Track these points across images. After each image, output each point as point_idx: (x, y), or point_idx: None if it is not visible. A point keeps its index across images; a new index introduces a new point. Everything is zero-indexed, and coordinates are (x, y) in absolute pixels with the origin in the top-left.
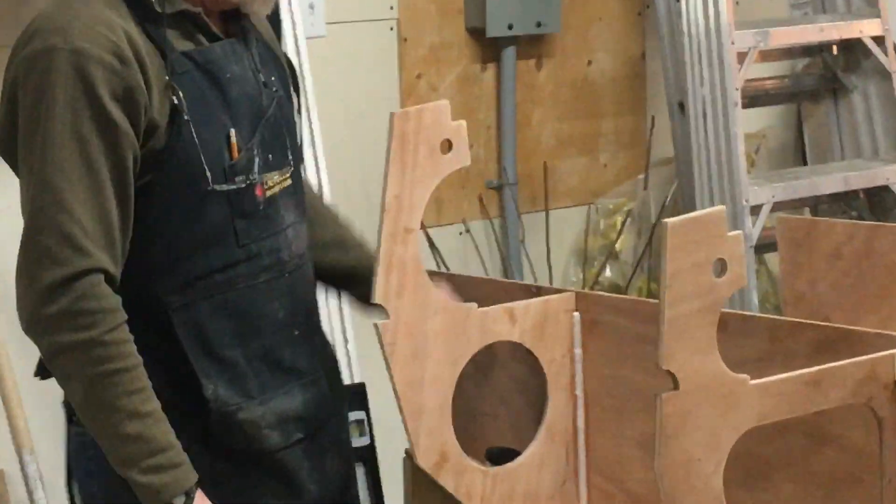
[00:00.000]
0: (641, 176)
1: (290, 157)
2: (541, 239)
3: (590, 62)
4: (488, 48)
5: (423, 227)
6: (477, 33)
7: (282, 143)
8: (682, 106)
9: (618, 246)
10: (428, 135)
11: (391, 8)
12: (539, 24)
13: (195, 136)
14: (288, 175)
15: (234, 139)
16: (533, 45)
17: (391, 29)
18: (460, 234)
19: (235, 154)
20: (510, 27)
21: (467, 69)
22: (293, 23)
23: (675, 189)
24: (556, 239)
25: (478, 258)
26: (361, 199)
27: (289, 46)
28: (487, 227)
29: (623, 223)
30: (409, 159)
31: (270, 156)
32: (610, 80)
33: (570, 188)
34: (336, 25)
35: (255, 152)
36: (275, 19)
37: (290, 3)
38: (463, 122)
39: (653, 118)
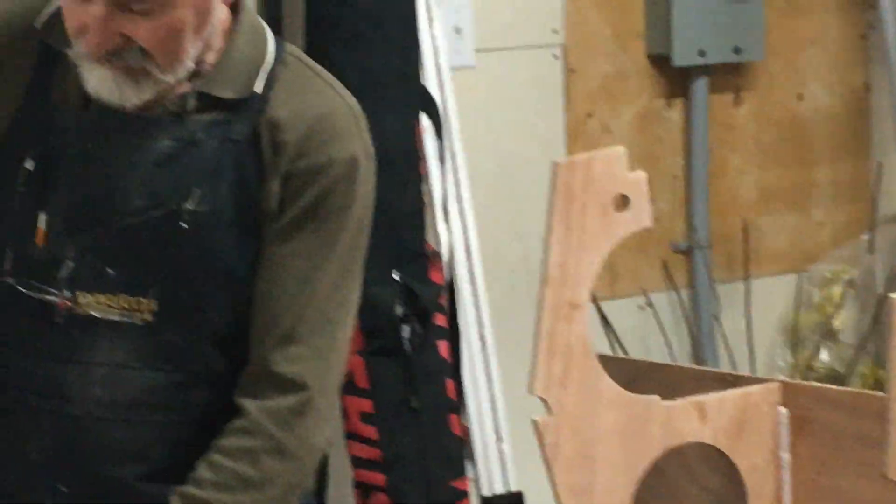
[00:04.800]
0: (866, 236)
1: (159, 289)
2: (740, 314)
3: (801, 96)
4: (675, 80)
5: (593, 300)
6: (661, 61)
7: (148, 266)
8: None
9: (836, 323)
10: (599, 189)
11: (555, 31)
12: (738, 51)
13: None
14: (145, 308)
15: (41, 224)
16: (730, 75)
17: (555, 57)
18: (640, 308)
19: (41, 240)
20: (702, 54)
21: (649, 106)
22: (435, 50)
23: None
24: (758, 314)
25: (661, 338)
26: (518, 264)
27: (430, 78)
28: (673, 299)
29: (843, 295)
30: (575, 219)
31: (112, 270)
32: (826, 117)
33: (777, 252)
34: (487, 53)
35: (69, 255)
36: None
37: (430, 27)
38: (642, 174)
39: (879, 164)
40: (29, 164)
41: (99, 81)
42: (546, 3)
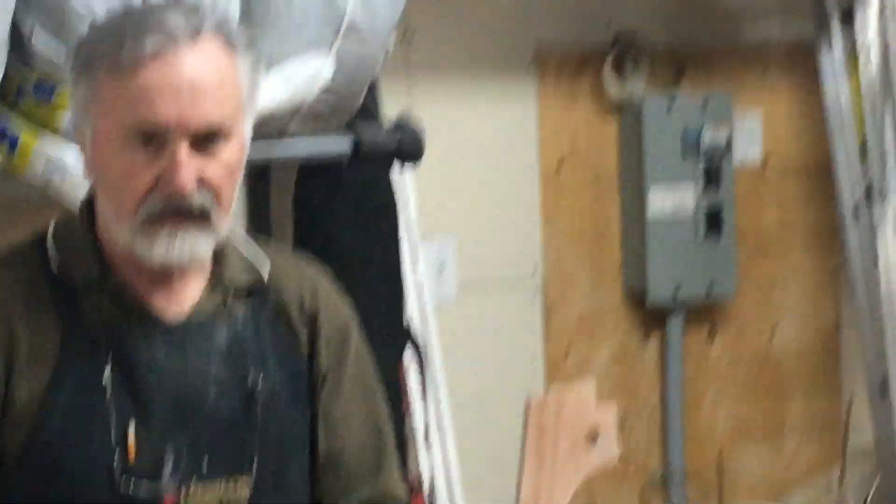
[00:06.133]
0: (836, 469)
1: (253, 466)
2: None
3: (773, 333)
4: (650, 317)
5: None
6: (637, 299)
7: (238, 450)
8: (884, 386)
9: None
10: (570, 424)
11: (534, 270)
12: (711, 289)
13: (66, 429)
14: (243, 488)
15: (131, 438)
16: (704, 312)
17: (535, 294)
18: None
19: (132, 454)
20: (676, 292)
21: (625, 342)
22: (419, 286)
23: (878, 486)
24: None
25: None
26: (497, 495)
27: (413, 314)
28: None
29: None
30: (547, 453)
31: (207, 461)
32: (797, 353)
33: (750, 483)
34: (470, 290)
35: (170, 455)
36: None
37: (414, 265)
38: (612, 408)
39: (850, 400)
40: (105, 381)
41: (163, 245)
42: (525, 243)
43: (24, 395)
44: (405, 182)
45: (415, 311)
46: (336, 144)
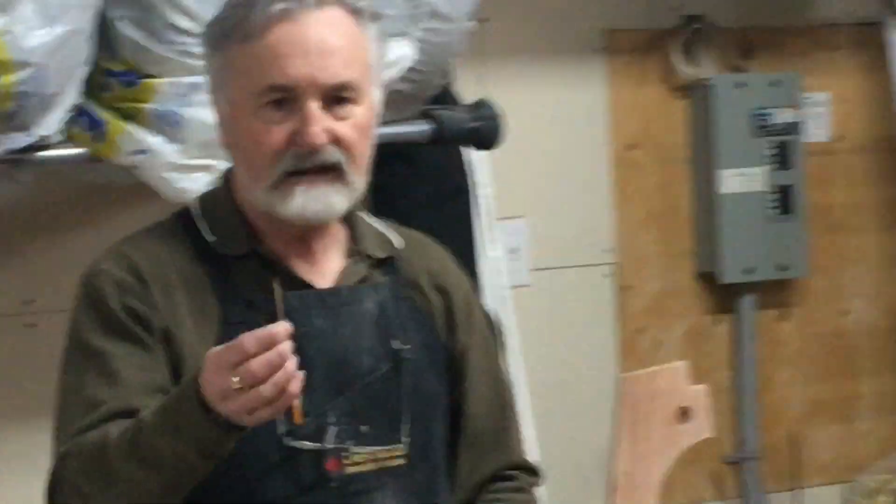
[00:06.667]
0: None
1: (405, 434)
2: None
3: (845, 312)
4: (722, 296)
5: None
6: (709, 279)
7: (390, 415)
8: None
9: None
10: (662, 402)
11: (608, 251)
12: (783, 268)
13: None
14: (398, 453)
15: (295, 402)
16: (776, 292)
17: (608, 275)
18: None
19: (298, 419)
20: (748, 272)
21: (698, 321)
22: (495, 268)
23: None
24: None
25: None
26: (573, 472)
27: (489, 296)
28: None
29: None
30: (641, 430)
31: (364, 427)
32: (869, 332)
33: (824, 463)
34: (543, 272)
35: (332, 419)
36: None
37: (490, 247)
38: (703, 387)
39: None
40: None
41: (299, 200)
42: (598, 224)
43: (195, 354)
44: (482, 164)
45: (491, 292)
46: (417, 128)
